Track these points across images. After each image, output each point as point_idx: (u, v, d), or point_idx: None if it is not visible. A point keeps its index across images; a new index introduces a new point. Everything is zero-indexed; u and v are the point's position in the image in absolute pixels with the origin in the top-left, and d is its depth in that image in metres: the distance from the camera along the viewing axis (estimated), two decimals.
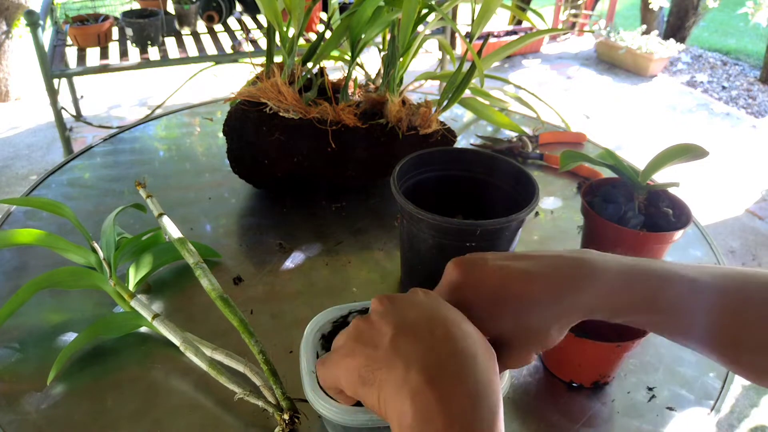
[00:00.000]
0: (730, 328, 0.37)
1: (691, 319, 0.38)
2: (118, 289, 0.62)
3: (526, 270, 0.39)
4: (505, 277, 0.39)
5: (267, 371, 0.53)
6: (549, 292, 0.38)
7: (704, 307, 0.37)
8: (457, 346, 0.33)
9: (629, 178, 0.67)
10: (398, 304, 0.37)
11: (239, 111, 0.79)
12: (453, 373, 0.32)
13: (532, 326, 0.38)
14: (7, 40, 2.87)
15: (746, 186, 2.52)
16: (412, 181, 0.66)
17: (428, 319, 0.35)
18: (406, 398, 0.31)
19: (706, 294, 0.37)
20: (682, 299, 0.37)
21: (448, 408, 0.31)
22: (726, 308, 0.37)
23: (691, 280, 0.38)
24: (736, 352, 0.38)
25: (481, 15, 0.81)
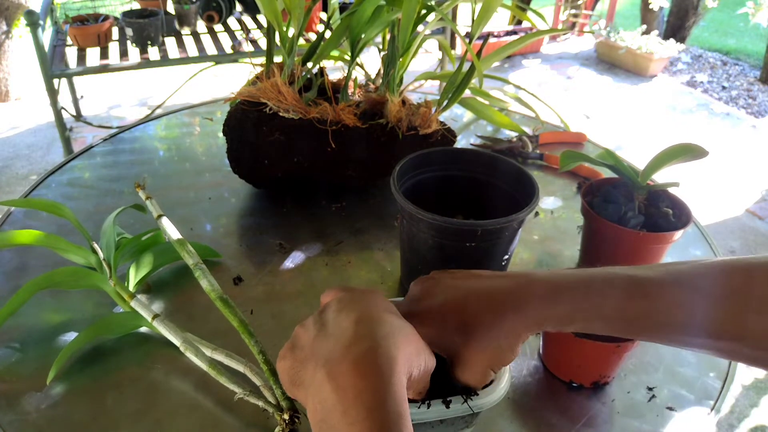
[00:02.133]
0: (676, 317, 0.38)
1: (638, 318, 0.39)
2: (118, 290, 0.62)
3: (473, 291, 0.42)
4: (453, 299, 0.42)
5: (267, 371, 0.53)
6: (491, 312, 0.40)
7: (647, 304, 0.39)
8: (360, 346, 0.33)
9: (629, 178, 0.67)
10: (330, 306, 0.38)
11: (239, 111, 0.79)
12: (352, 371, 0.32)
13: (481, 345, 0.40)
14: (7, 40, 2.87)
15: (746, 186, 2.52)
16: (412, 181, 0.66)
17: (343, 316, 0.36)
18: (314, 395, 0.33)
19: (648, 290, 0.39)
20: (626, 299, 0.39)
21: (345, 401, 0.31)
22: (670, 301, 0.39)
23: (630, 277, 0.39)
24: (684, 338, 0.39)
25: (481, 15, 0.81)
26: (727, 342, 0.38)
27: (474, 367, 0.41)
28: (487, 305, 0.41)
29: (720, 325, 0.37)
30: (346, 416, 0.31)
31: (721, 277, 0.38)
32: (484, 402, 0.42)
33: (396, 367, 0.33)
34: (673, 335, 0.40)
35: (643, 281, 0.39)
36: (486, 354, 0.40)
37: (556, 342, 0.56)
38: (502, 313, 0.40)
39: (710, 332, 0.38)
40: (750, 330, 0.37)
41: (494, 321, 0.40)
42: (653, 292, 0.39)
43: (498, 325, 0.40)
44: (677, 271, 0.39)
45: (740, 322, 0.37)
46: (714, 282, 0.38)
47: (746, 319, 0.37)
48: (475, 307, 0.41)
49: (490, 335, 0.40)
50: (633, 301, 0.39)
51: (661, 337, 0.40)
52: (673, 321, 0.39)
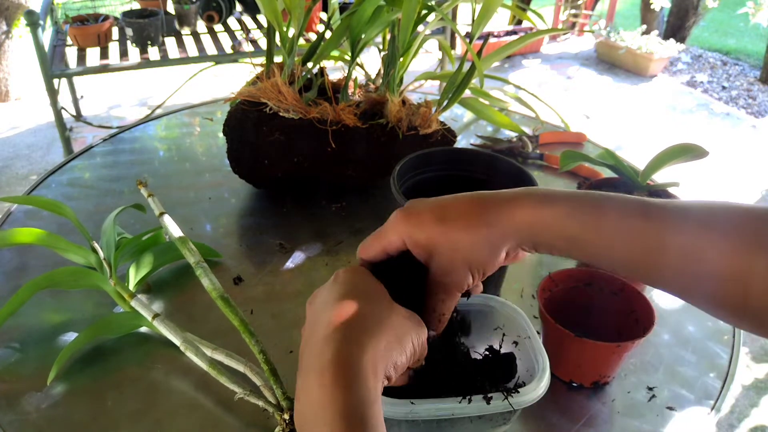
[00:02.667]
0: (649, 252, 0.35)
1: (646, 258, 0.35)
2: (119, 289, 0.62)
3: (464, 196, 0.40)
4: (442, 205, 0.40)
5: (267, 371, 0.53)
6: (483, 209, 0.38)
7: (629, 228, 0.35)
8: (325, 355, 0.34)
9: (629, 178, 0.67)
10: (311, 309, 0.39)
11: (239, 111, 0.79)
12: (316, 381, 0.33)
13: (463, 242, 0.38)
14: (7, 40, 2.87)
15: (746, 186, 2.52)
16: (412, 181, 0.66)
17: (318, 317, 0.37)
18: (296, 400, 0.35)
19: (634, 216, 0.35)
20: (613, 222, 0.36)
21: (312, 414, 0.32)
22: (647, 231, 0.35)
23: (623, 201, 0.36)
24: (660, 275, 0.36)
25: (482, 15, 0.81)
26: (728, 314, 0.35)
27: (450, 267, 0.39)
28: (470, 204, 0.39)
29: (719, 300, 0.34)
30: (314, 427, 0.32)
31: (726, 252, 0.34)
32: (524, 399, 0.43)
33: (359, 373, 0.33)
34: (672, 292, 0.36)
35: (647, 204, 0.36)
36: (465, 252, 0.38)
37: (557, 341, 0.56)
38: (489, 209, 0.38)
39: (710, 302, 0.35)
40: (749, 309, 0.33)
41: (479, 217, 0.38)
42: (656, 216, 0.35)
43: (482, 222, 0.38)
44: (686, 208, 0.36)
45: (740, 302, 0.33)
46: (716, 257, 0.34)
47: (745, 302, 0.33)
48: (455, 209, 0.39)
49: (471, 232, 0.38)
50: (633, 219, 0.35)
51: (650, 272, 0.36)
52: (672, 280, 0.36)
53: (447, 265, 0.39)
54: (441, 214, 0.39)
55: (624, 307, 0.58)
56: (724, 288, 0.34)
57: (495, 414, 0.45)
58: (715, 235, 0.34)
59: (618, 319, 0.58)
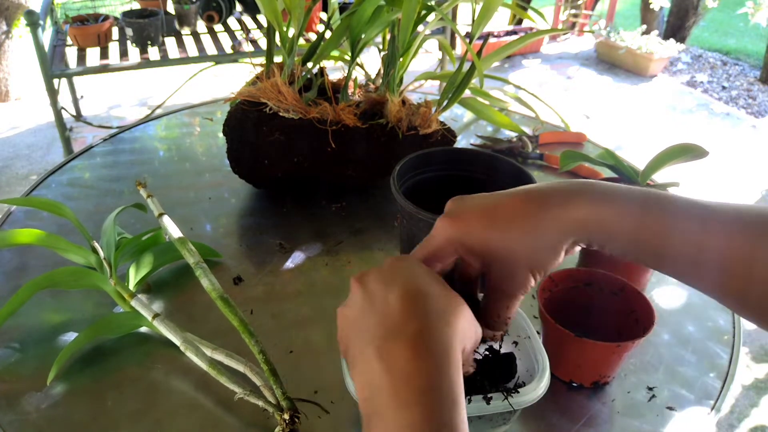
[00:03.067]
0: (738, 268, 0.34)
1: (699, 257, 0.35)
2: (119, 289, 0.62)
3: (517, 193, 0.38)
4: (494, 205, 0.38)
5: (267, 371, 0.53)
6: (541, 208, 0.36)
7: (714, 245, 0.34)
8: (413, 324, 0.32)
9: (629, 178, 0.67)
10: (366, 284, 0.37)
11: (239, 111, 0.79)
12: (406, 350, 0.31)
13: (520, 243, 0.37)
14: (7, 40, 2.87)
15: (746, 186, 2.52)
16: (412, 181, 0.66)
17: (388, 289, 0.35)
18: (361, 372, 0.32)
19: (710, 220, 0.35)
20: (693, 238, 0.35)
21: (396, 383, 0.30)
22: (734, 237, 0.34)
23: (692, 204, 0.36)
24: (744, 294, 0.35)
25: (482, 15, 0.81)
26: (731, 303, 0.35)
27: (511, 270, 0.37)
28: (527, 203, 0.37)
29: (722, 287, 0.35)
30: (395, 398, 0.30)
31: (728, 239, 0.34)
32: (524, 399, 0.43)
33: (451, 349, 0.31)
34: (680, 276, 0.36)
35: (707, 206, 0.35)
36: (525, 253, 0.37)
37: (557, 341, 0.56)
38: (547, 207, 0.36)
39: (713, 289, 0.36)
40: (752, 297, 0.34)
41: (537, 216, 0.36)
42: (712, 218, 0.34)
43: (541, 221, 0.36)
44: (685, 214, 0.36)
45: (742, 289, 0.34)
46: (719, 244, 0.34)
47: (747, 289, 0.34)
48: (510, 208, 0.37)
49: (530, 232, 0.36)
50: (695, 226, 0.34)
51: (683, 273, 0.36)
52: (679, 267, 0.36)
53: (508, 270, 0.38)
54: (492, 218, 0.37)
55: (624, 307, 0.58)
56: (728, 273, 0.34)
57: (495, 414, 0.45)
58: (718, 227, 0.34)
59: (618, 319, 0.58)
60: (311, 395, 0.55)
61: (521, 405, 0.43)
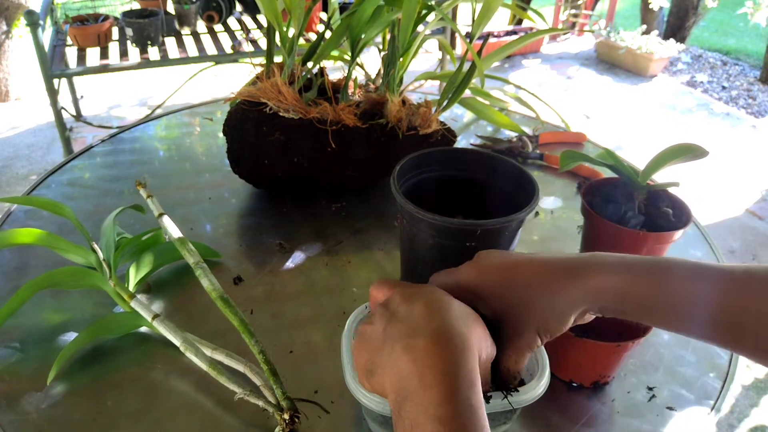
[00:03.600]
0: (732, 312, 0.37)
1: (695, 305, 0.38)
2: (118, 290, 0.62)
3: (527, 259, 0.42)
4: (514, 264, 0.42)
5: (267, 371, 0.53)
6: (548, 275, 0.40)
7: (708, 291, 0.37)
8: (434, 323, 0.36)
9: (629, 178, 0.67)
10: (390, 304, 0.40)
11: (239, 111, 0.79)
12: (428, 343, 0.35)
13: (531, 306, 0.40)
14: (7, 40, 2.87)
15: (746, 186, 2.52)
16: (412, 181, 0.66)
17: (411, 304, 0.38)
18: (391, 370, 0.36)
19: (708, 279, 0.38)
20: (687, 285, 0.38)
21: (422, 368, 0.34)
22: (728, 292, 0.37)
23: (692, 266, 0.38)
24: (739, 335, 0.37)
25: (482, 15, 0.81)
26: (730, 348, 0.39)
27: (521, 328, 0.40)
28: (543, 269, 0.40)
29: (719, 337, 0.38)
30: (421, 382, 0.33)
31: (719, 292, 0.37)
32: (524, 398, 0.43)
33: (468, 342, 0.35)
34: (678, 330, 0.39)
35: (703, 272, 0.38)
36: (535, 315, 0.40)
37: (556, 342, 0.56)
38: (560, 277, 0.40)
39: (711, 338, 0.38)
40: (747, 345, 0.37)
41: (551, 283, 0.40)
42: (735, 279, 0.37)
43: (553, 289, 0.40)
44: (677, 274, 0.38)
45: (738, 337, 0.37)
46: (711, 296, 0.37)
47: (743, 338, 0.37)
48: (527, 271, 0.41)
49: (543, 297, 0.40)
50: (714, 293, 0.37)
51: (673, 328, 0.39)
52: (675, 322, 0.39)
53: (517, 328, 0.41)
54: (511, 277, 0.41)
55: None
56: (722, 325, 0.37)
57: (496, 413, 0.45)
58: (708, 281, 0.38)
59: (618, 319, 0.58)
60: (311, 395, 0.55)
61: (521, 404, 0.43)
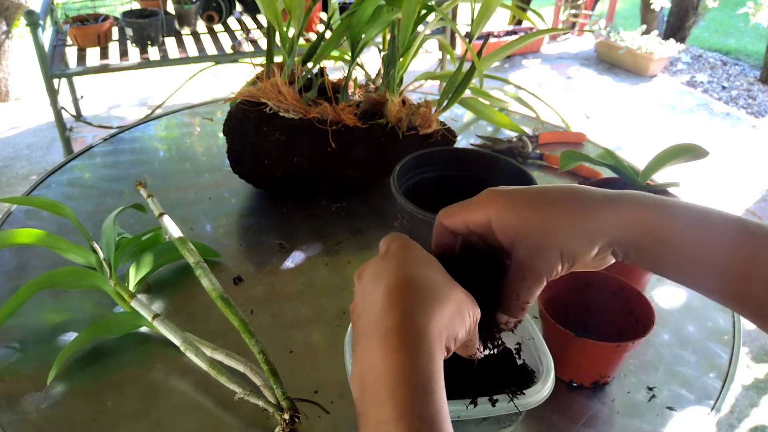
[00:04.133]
0: (741, 264, 0.35)
1: (697, 260, 0.36)
2: (118, 289, 0.62)
3: (560, 186, 0.38)
4: (540, 188, 0.38)
5: (267, 371, 0.53)
6: (590, 199, 0.37)
7: (717, 241, 0.35)
8: (390, 319, 0.33)
9: (629, 178, 0.67)
10: (362, 281, 0.37)
11: (239, 111, 0.79)
12: (378, 347, 0.32)
13: (561, 228, 0.37)
14: (7, 40, 2.87)
15: (746, 186, 2.52)
16: (412, 181, 0.66)
17: (376, 285, 0.35)
18: (354, 368, 0.34)
19: (719, 228, 0.36)
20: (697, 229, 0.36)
21: (374, 380, 0.31)
22: (739, 244, 0.35)
23: (704, 212, 0.36)
24: (745, 290, 0.35)
25: (481, 15, 0.81)
26: (732, 304, 0.37)
27: (545, 249, 0.37)
28: (569, 189, 0.37)
29: (723, 288, 0.36)
30: (373, 396, 0.31)
31: (729, 240, 0.35)
32: (530, 401, 0.43)
33: (424, 341, 0.32)
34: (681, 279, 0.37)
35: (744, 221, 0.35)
36: (560, 237, 0.36)
37: (557, 341, 0.56)
38: (596, 200, 0.36)
39: (713, 290, 0.37)
40: (752, 299, 0.35)
41: (585, 204, 0.36)
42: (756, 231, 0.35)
43: (587, 210, 0.36)
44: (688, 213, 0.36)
45: (743, 289, 0.35)
46: (721, 242, 0.35)
47: (748, 290, 0.35)
48: (558, 192, 0.38)
49: (573, 218, 0.36)
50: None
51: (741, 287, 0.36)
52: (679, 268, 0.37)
53: (538, 250, 0.37)
54: (538, 197, 0.38)
55: (624, 307, 0.58)
56: (729, 274, 0.34)
57: (501, 416, 0.45)
58: (719, 227, 0.35)
59: (618, 319, 0.58)
60: (311, 395, 0.55)
61: (527, 407, 0.43)
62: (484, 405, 0.42)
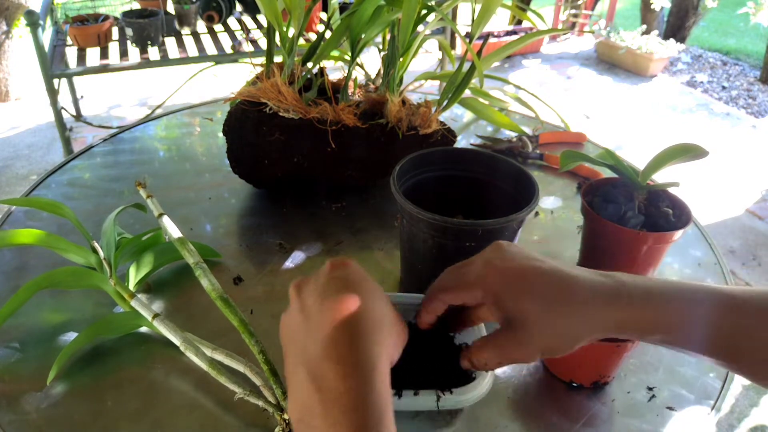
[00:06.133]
0: (730, 334, 0.37)
1: (693, 329, 0.38)
2: (118, 289, 0.62)
3: (559, 271, 0.39)
4: (536, 272, 0.39)
5: (267, 371, 0.53)
6: (579, 299, 0.38)
7: (705, 314, 0.37)
8: (341, 346, 0.34)
9: (629, 178, 0.67)
10: (303, 296, 0.38)
11: (239, 111, 0.79)
12: (334, 369, 0.33)
13: (549, 329, 0.38)
14: (7, 40, 2.87)
15: (746, 186, 2.52)
16: (412, 181, 0.66)
17: (321, 302, 0.36)
18: (295, 390, 0.35)
19: (706, 303, 0.37)
20: (689, 310, 0.37)
21: (327, 402, 0.32)
22: (726, 315, 0.37)
23: (694, 291, 0.38)
24: (737, 357, 0.38)
25: (481, 15, 0.81)
26: (732, 369, 0.40)
27: (523, 340, 0.38)
28: (567, 287, 0.38)
29: (718, 357, 0.38)
30: (326, 418, 0.32)
31: (714, 315, 0.37)
32: (457, 400, 0.42)
33: (378, 365, 0.34)
34: None
35: (736, 301, 0.37)
36: (545, 334, 0.38)
37: None
38: (585, 301, 0.37)
39: (711, 357, 0.38)
40: (745, 366, 0.38)
41: (573, 305, 0.37)
42: (751, 314, 0.37)
43: (575, 312, 0.37)
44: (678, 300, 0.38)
45: (735, 359, 0.38)
46: (707, 318, 0.37)
47: (740, 359, 0.38)
48: (550, 284, 0.38)
49: (560, 318, 0.38)
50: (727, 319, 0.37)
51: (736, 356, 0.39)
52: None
53: (521, 342, 0.39)
54: (532, 290, 0.38)
55: None
56: (719, 345, 0.37)
57: (435, 413, 0.45)
58: (704, 304, 0.37)
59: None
60: None
61: (457, 405, 0.42)
62: (409, 398, 0.42)
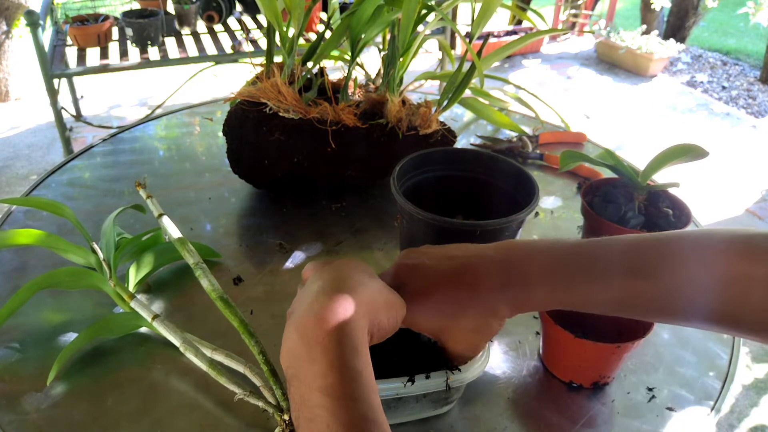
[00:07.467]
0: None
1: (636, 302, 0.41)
2: (118, 290, 0.62)
3: (454, 271, 0.43)
4: (437, 280, 0.43)
5: (267, 371, 0.53)
6: (475, 293, 0.42)
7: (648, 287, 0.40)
8: (323, 299, 0.37)
9: (629, 178, 0.67)
10: (311, 275, 0.43)
11: (239, 111, 0.79)
12: (315, 321, 0.36)
13: (465, 324, 0.43)
14: (7, 40, 2.87)
15: (746, 186, 2.52)
16: (412, 181, 0.66)
17: (318, 277, 0.40)
18: (284, 344, 0.38)
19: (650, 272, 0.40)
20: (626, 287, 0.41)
21: (313, 353, 0.35)
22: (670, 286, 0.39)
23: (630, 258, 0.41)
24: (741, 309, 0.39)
25: (481, 15, 0.81)
26: (726, 327, 0.39)
27: (463, 342, 0.44)
28: (470, 283, 0.42)
29: (718, 313, 0.38)
30: (308, 358, 0.35)
31: (722, 261, 0.38)
32: (463, 377, 0.46)
33: (350, 311, 0.36)
34: (671, 319, 0.41)
35: (644, 264, 0.40)
36: (469, 331, 0.43)
37: (556, 342, 0.56)
38: (487, 290, 0.42)
39: (709, 318, 0.39)
40: (748, 316, 0.38)
41: (478, 301, 0.42)
42: (655, 275, 0.39)
43: (482, 304, 0.42)
44: (678, 249, 0.40)
45: (739, 310, 0.38)
46: (714, 267, 0.38)
47: (744, 309, 0.37)
48: (455, 291, 0.42)
49: (475, 314, 0.42)
50: (633, 286, 0.40)
51: (659, 319, 0.43)
52: (672, 306, 0.40)
53: (461, 346, 0.45)
54: (438, 310, 0.43)
55: None
56: (725, 296, 0.38)
57: (438, 393, 0.47)
58: (709, 252, 0.39)
59: (618, 319, 0.58)
60: None
61: (463, 381, 0.46)
62: (421, 381, 0.45)
